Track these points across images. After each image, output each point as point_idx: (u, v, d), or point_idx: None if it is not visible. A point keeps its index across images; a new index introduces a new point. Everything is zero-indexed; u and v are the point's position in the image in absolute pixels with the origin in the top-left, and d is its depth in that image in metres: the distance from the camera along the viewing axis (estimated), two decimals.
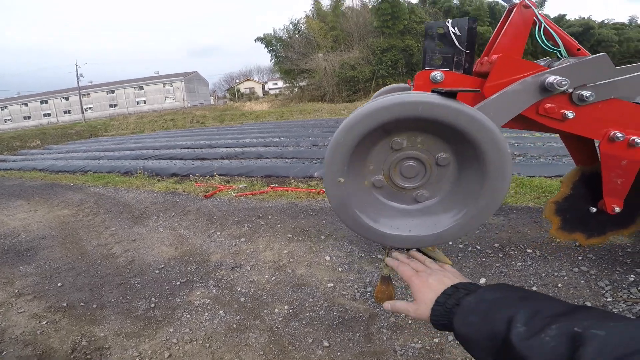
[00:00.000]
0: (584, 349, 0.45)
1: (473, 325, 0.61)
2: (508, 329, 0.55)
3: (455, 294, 0.69)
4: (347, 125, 0.94)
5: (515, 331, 0.54)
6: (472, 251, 3.25)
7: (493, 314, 0.59)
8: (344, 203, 1.00)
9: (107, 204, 5.79)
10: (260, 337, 2.42)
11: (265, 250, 3.63)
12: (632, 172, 1.55)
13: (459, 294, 0.68)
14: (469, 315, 0.63)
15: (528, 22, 1.43)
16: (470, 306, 0.64)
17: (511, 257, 3.10)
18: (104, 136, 24.42)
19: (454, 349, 2.18)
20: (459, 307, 0.66)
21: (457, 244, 3.35)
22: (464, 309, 0.64)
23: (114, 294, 3.13)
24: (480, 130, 0.86)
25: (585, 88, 1.31)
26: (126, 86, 58.56)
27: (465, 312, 0.64)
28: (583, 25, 32.77)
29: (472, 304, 0.64)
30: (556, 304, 0.58)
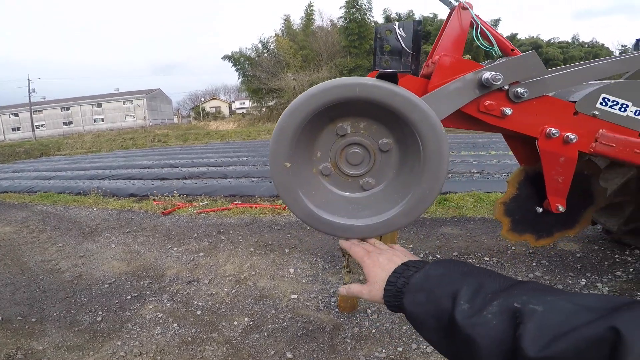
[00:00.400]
0: (524, 326, 0.47)
1: (421, 305, 0.60)
2: (453, 307, 0.55)
3: (405, 272, 0.68)
4: (290, 109, 0.95)
5: (459, 309, 0.54)
6: (433, 260, 3.31)
7: (438, 291, 0.59)
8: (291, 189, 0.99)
9: (54, 221, 5.43)
10: (218, 350, 2.32)
11: (226, 264, 3.52)
12: (570, 169, 1.65)
13: (409, 272, 0.67)
14: (417, 294, 0.62)
15: (466, 23, 1.54)
16: (418, 284, 0.63)
17: None
18: (56, 155, 23.10)
19: (418, 357, 2.19)
20: (408, 285, 0.64)
21: (417, 253, 3.42)
22: (412, 288, 0.63)
23: (56, 307, 2.96)
24: (414, 111, 0.90)
25: (520, 85, 1.41)
26: (83, 103, 56.07)
27: (413, 290, 0.63)
28: (532, 44, 35.10)
29: (419, 282, 0.63)
30: (498, 278, 0.59)
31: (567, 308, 0.47)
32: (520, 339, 0.46)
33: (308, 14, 32.81)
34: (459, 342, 0.54)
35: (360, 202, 1.03)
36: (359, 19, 28.83)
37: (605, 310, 0.44)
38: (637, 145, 1.53)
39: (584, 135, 1.55)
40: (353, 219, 1.01)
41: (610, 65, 1.62)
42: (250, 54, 33.06)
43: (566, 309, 0.47)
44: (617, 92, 1.51)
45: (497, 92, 1.43)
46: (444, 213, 4.61)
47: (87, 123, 53.49)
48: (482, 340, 0.50)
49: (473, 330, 0.51)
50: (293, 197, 0.99)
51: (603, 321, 0.42)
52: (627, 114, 1.54)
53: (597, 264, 3.01)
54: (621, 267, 2.92)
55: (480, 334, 0.50)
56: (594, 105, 1.52)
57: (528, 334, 0.46)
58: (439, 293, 0.59)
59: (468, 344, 0.52)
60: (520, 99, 1.43)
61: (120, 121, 52.92)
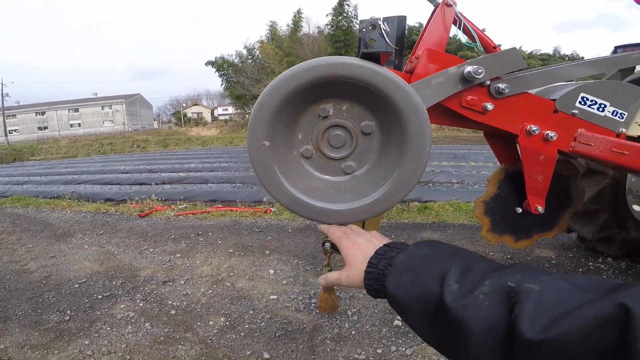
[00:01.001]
0: (520, 306, 0.44)
1: (406, 287, 0.56)
2: (441, 288, 0.52)
3: (387, 253, 0.64)
4: (271, 87, 0.94)
5: (448, 289, 0.51)
6: None
7: (424, 272, 0.55)
8: (268, 169, 0.97)
9: (25, 223, 5.20)
10: (191, 350, 2.24)
11: (203, 265, 3.43)
12: (549, 168, 1.68)
13: (391, 253, 0.63)
14: (401, 275, 0.58)
15: (449, 19, 1.57)
16: (401, 265, 0.59)
17: None
18: (30, 160, 22.32)
19: (397, 359, 2.16)
20: (391, 267, 0.60)
21: None
22: (396, 269, 0.59)
23: (22, 307, 2.84)
24: (397, 91, 0.90)
25: (501, 81, 1.44)
26: (59, 107, 54.65)
27: (397, 272, 0.59)
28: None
29: (403, 262, 0.60)
30: (485, 259, 0.57)
31: (564, 287, 0.45)
32: (517, 321, 0.43)
33: (296, 20, 33.01)
34: (447, 327, 0.50)
35: (342, 185, 1.01)
36: (345, 27, 29.20)
37: (602, 290, 0.42)
38: (615, 145, 1.57)
39: (564, 133, 1.58)
40: (334, 202, 0.99)
41: (590, 65, 1.67)
42: (234, 60, 32.90)
43: (564, 288, 0.45)
44: (596, 92, 1.55)
45: (479, 87, 1.45)
46: (424, 219, 4.64)
47: (64, 128, 52.08)
48: (474, 324, 0.46)
49: (464, 312, 0.48)
50: (270, 178, 0.96)
51: (607, 300, 0.39)
52: (605, 114, 1.58)
53: (572, 271, 3.08)
54: (595, 274, 2.99)
55: (472, 317, 0.47)
56: (573, 104, 1.56)
57: (526, 315, 0.43)
58: (425, 274, 0.55)
59: (458, 328, 0.48)
60: (501, 95, 1.46)
61: (98, 126, 51.73)
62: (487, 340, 0.45)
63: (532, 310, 0.43)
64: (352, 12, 29.83)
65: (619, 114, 1.55)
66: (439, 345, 0.54)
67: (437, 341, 0.54)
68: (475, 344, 0.46)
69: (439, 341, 0.53)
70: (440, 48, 1.55)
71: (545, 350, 0.41)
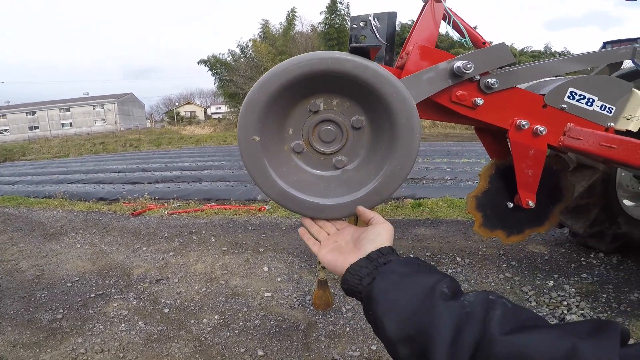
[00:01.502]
0: (494, 312, 0.49)
1: (396, 282, 0.59)
2: (433, 288, 0.55)
3: (379, 258, 0.67)
4: (261, 81, 0.94)
5: (440, 290, 0.54)
6: None
7: (416, 276, 0.59)
8: (258, 164, 0.97)
9: (16, 222, 5.15)
10: (185, 347, 2.23)
11: (197, 264, 3.42)
12: (539, 162, 1.70)
13: (383, 259, 0.66)
14: (390, 275, 0.61)
15: (439, 15, 1.58)
16: (392, 268, 0.62)
17: (442, 264, 3.23)
18: (21, 160, 22.05)
19: None
20: (384, 266, 0.64)
21: None
22: (388, 268, 0.63)
23: (14, 306, 2.82)
24: (386, 84, 0.90)
25: (490, 76, 1.45)
26: (50, 107, 53.92)
27: (387, 271, 0.62)
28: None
29: (394, 266, 0.63)
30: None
31: (531, 312, 0.51)
32: (489, 323, 0.48)
33: (290, 19, 32.89)
34: (423, 322, 0.52)
35: (333, 180, 1.02)
36: (338, 24, 29.16)
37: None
38: (603, 139, 1.59)
39: (553, 128, 1.59)
40: (325, 197, 0.99)
41: (578, 60, 1.69)
42: (227, 58, 32.70)
43: (531, 312, 0.51)
44: (584, 87, 1.57)
45: (468, 82, 1.46)
46: (417, 215, 4.67)
47: (55, 128, 51.41)
48: (450, 322, 0.50)
49: (447, 310, 0.51)
50: (261, 172, 0.96)
51: (567, 338, 0.43)
52: (594, 108, 1.60)
53: (564, 266, 3.11)
54: (587, 269, 3.02)
55: (449, 317, 0.50)
56: (562, 99, 1.57)
57: (495, 319, 0.48)
58: (416, 278, 0.58)
59: (433, 324, 0.51)
60: (491, 90, 1.47)
61: (90, 126, 51.17)
62: (456, 340, 0.48)
63: (501, 315, 0.48)
64: (345, 10, 29.77)
65: (607, 109, 1.57)
66: (401, 339, 0.54)
67: (402, 337, 0.54)
68: (442, 341, 0.49)
69: (404, 338, 0.54)
70: (430, 44, 1.56)
71: (504, 352, 0.44)
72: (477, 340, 0.47)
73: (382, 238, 0.72)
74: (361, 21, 1.44)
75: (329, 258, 0.76)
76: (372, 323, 0.61)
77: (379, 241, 0.71)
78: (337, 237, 0.83)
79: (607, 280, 2.83)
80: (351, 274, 0.66)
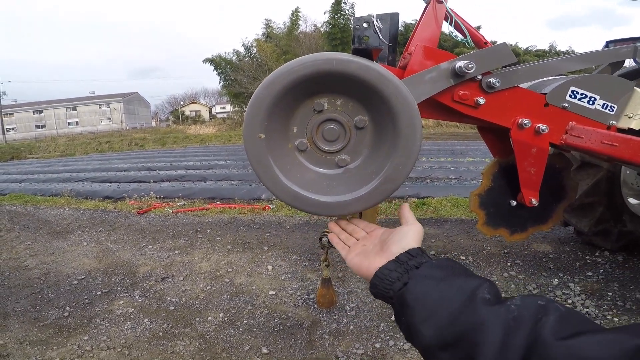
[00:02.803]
0: (547, 317, 0.47)
1: (432, 287, 0.57)
2: (474, 293, 0.53)
3: (411, 260, 0.64)
4: (267, 81, 0.96)
5: (481, 296, 0.52)
6: None
7: (453, 281, 0.56)
8: (263, 161, 0.99)
9: (24, 220, 5.21)
10: (190, 345, 2.26)
11: (202, 262, 3.45)
12: (542, 161, 1.70)
13: (417, 261, 0.64)
14: (424, 280, 0.58)
15: (441, 16, 1.59)
16: (425, 272, 0.60)
17: None
18: (28, 158, 22.29)
19: (395, 354, 2.18)
20: (416, 270, 0.61)
21: None
22: (421, 272, 0.60)
23: (21, 303, 2.85)
24: (388, 85, 0.92)
25: (492, 75, 1.46)
26: (56, 106, 54.45)
27: (421, 277, 0.60)
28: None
29: (429, 268, 0.61)
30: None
31: (587, 317, 0.48)
32: (542, 328, 0.45)
33: (294, 19, 32.89)
34: (467, 329, 0.50)
35: (335, 178, 1.04)
36: (342, 24, 29.14)
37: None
38: (605, 137, 1.59)
39: (555, 126, 1.60)
40: (328, 195, 1.01)
41: (580, 59, 1.69)
42: (231, 57, 32.77)
43: (587, 317, 0.48)
44: (586, 85, 1.57)
45: (470, 82, 1.46)
46: (422, 215, 4.66)
47: (61, 126, 51.85)
48: (497, 328, 0.47)
49: (493, 316, 0.48)
50: (265, 170, 0.98)
51: (629, 339, 0.41)
52: (595, 106, 1.60)
53: (569, 265, 3.09)
54: (592, 268, 3.01)
55: (496, 323, 0.48)
56: (563, 98, 1.57)
57: (549, 324, 0.45)
58: (454, 281, 0.56)
59: (479, 331, 0.48)
60: (492, 89, 1.47)
61: (96, 125, 51.57)
62: (506, 345, 0.46)
63: (556, 321, 0.46)
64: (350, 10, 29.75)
65: (609, 107, 1.57)
66: (441, 346, 0.52)
67: (441, 345, 0.52)
68: (490, 347, 0.47)
69: (444, 345, 0.52)
70: (433, 44, 1.57)
71: (561, 355, 0.42)
72: (528, 345, 0.45)
73: (409, 239, 0.70)
74: (364, 22, 1.46)
75: (355, 262, 0.74)
76: (404, 330, 0.58)
77: (405, 242, 0.68)
78: (366, 240, 0.82)
79: (612, 278, 2.82)
80: (380, 278, 0.63)
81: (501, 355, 0.45)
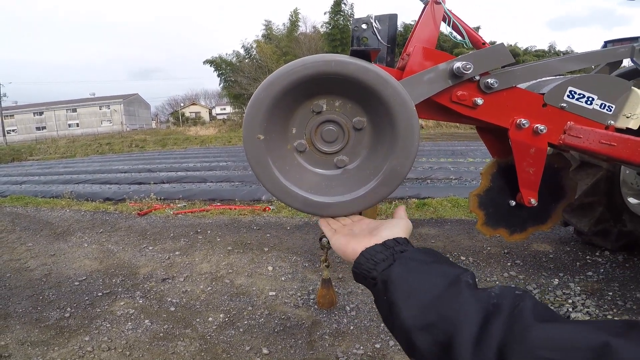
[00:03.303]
0: (524, 303, 0.49)
1: (417, 269, 0.58)
2: (458, 277, 0.54)
3: (397, 246, 0.65)
4: (267, 82, 0.97)
5: (465, 280, 0.54)
6: None
7: (438, 265, 0.58)
8: (262, 162, 1.00)
9: (25, 222, 5.23)
10: (191, 345, 2.27)
11: (202, 263, 3.45)
12: (540, 161, 1.71)
13: (401, 247, 0.65)
14: (410, 262, 0.60)
15: (439, 16, 1.59)
16: (411, 255, 0.61)
17: None
18: (28, 160, 22.33)
19: (395, 354, 2.18)
20: (402, 253, 0.62)
21: None
22: (407, 255, 0.61)
23: (22, 304, 2.87)
24: (386, 87, 0.93)
25: (490, 76, 1.46)
26: (57, 108, 54.47)
27: (407, 259, 0.61)
28: (510, 52, 36.49)
29: (413, 253, 0.62)
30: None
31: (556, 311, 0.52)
32: (521, 312, 0.47)
33: (293, 20, 32.95)
34: (447, 313, 0.51)
35: (334, 179, 1.04)
36: (341, 25, 29.19)
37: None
38: (603, 137, 1.60)
39: (553, 126, 1.60)
40: (326, 195, 1.02)
41: (578, 59, 1.69)
42: (231, 59, 32.80)
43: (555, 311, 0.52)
44: (583, 85, 1.57)
45: (468, 82, 1.47)
46: (422, 215, 4.67)
47: (62, 128, 51.87)
48: (478, 311, 0.49)
49: (474, 298, 0.50)
50: (264, 170, 0.99)
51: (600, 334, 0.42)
52: (593, 106, 1.60)
53: (569, 265, 3.10)
54: (592, 267, 3.01)
55: (475, 308, 0.49)
56: (561, 98, 1.58)
57: (527, 309, 0.47)
58: (438, 268, 0.57)
59: (459, 313, 0.50)
60: (490, 90, 1.48)
61: (96, 126, 51.62)
62: (485, 329, 0.47)
63: (530, 307, 0.48)
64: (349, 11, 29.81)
65: (607, 107, 1.58)
66: (422, 326, 0.52)
67: (422, 324, 0.53)
68: (469, 329, 0.48)
69: (425, 325, 0.52)
70: (431, 45, 1.57)
71: (541, 337, 0.44)
72: (507, 329, 0.46)
73: (398, 229, 0.72)
74: (363, 23, 1.47)
75: (341, 241, 0.75)
76: (384, 310, 0.59)
77: (394, 231, 0.70)
78: (353, 226, 0.84)
79: (612, 278, 2.82)
80: (365, 257, 0.64)
81: (480, 337, 0.47)
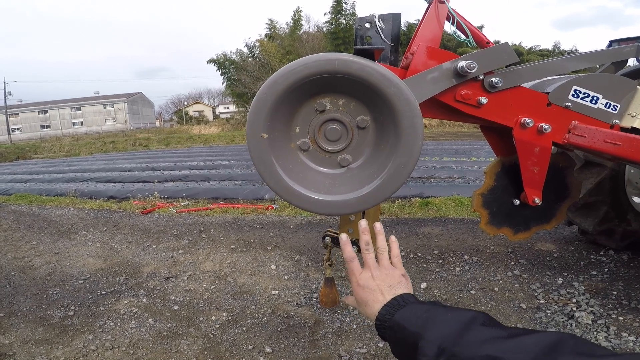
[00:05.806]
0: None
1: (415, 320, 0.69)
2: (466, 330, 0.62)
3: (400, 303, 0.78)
4: (270, 81, 0.97)
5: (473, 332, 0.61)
6: (414, 258, 3.34)
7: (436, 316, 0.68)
8: (266, 160, 1.00)
9: (29, 220, 5.26)
10: (194, 344, 2.27)
11: (205, 261, 3.46)
12: (545, 160, 1.69)
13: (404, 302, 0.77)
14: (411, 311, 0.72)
15: (443, 16, 1.59)
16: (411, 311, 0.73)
17: (450, 263, 3.22)
18: (33, 158, 22.44)
19: None
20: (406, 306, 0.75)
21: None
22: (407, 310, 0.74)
23: (26, 303, 2.89)
24: (390, 86, 0.92)
25: (494, 75, 1.45)
26: (61, 106, 54.73)
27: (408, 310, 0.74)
28: (514, 51, 36.25)
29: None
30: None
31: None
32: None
33: (296, 19, 32.91)
34: None
35: (338, 177, 1.04)
36: (343, 24, 29.12)
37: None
38: (608, 136, 1.58)
39: (558, 125, 1.59)
40: (330, 194, 1.01)
41: (583, 58, 1.68)
42: (235, 58, 32.80)
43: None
44: (588, 85, 1.56)
45: (473, 81, 1.46)
46: (425, 214, 4.66)
47: (66, 127, 52.14)
48: None
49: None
50: (268, 169, 0.99)
51: None
52: (598, 106, 1.59)
53: (574, 264, 3.08)
54: (596, 267, 2.99)
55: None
56: (566, 97, 1.57)
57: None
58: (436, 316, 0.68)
59: None
60: (495, 89, 1.47)
61: (100, 125, 51.81)
62: None
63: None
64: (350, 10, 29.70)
65: (612, 106, 1.56)
66: None
67: None
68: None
69: None
70: (435, 44, 1.57)
71: None
72: None
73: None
74: (366, 22, 1.46)
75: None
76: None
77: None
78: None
79: (617, 277, 2.80)
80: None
81: None
